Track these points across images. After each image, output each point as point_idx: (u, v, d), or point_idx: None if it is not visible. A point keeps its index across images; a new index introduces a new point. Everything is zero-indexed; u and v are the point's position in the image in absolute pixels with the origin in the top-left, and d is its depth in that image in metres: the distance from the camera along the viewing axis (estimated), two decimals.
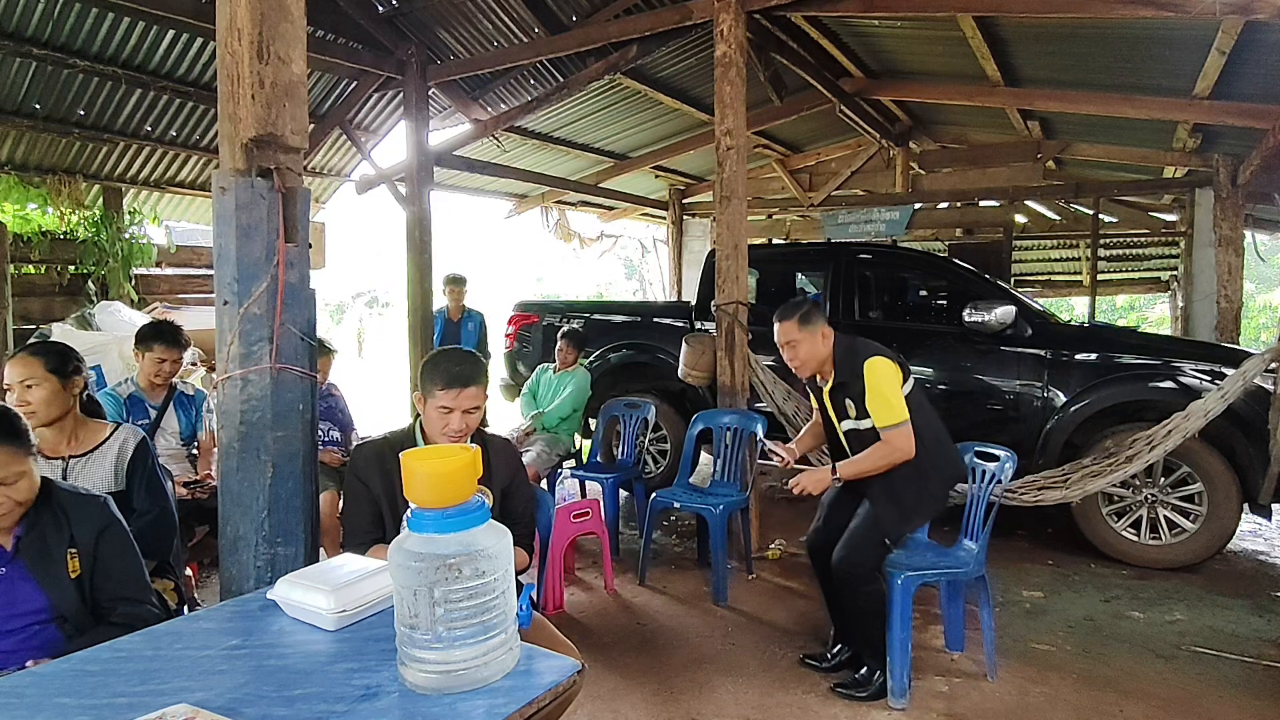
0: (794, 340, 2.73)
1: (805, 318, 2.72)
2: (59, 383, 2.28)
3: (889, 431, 2.58)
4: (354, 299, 27.80)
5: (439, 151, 6.77)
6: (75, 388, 2.34)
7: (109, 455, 2.34)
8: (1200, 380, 3.88)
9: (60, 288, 5.95)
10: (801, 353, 2.73)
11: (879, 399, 2.60)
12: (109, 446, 2.35)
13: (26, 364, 2.27)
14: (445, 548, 1.15)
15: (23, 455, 1.68)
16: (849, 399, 2.68)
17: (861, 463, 2.63)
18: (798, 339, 2.72)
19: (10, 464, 1.65)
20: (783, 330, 2.76)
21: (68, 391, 2.31)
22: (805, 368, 2.76)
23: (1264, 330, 13.15)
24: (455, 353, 2.10)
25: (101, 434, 2.37)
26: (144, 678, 1.26)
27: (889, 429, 2.58)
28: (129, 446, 2.37)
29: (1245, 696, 2.71)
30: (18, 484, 1.67)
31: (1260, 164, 5.73)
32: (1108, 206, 8.94)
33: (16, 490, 1.67)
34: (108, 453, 2.34)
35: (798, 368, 2.78)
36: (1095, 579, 3.87)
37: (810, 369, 2.76)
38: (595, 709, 2.64)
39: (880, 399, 2.60)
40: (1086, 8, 4.05)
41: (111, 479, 2.32)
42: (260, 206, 1.95)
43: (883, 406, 2.60)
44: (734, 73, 4.20)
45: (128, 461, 2.36)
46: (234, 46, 1.93)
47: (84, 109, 5.73)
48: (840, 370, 2.71)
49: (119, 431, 2.40)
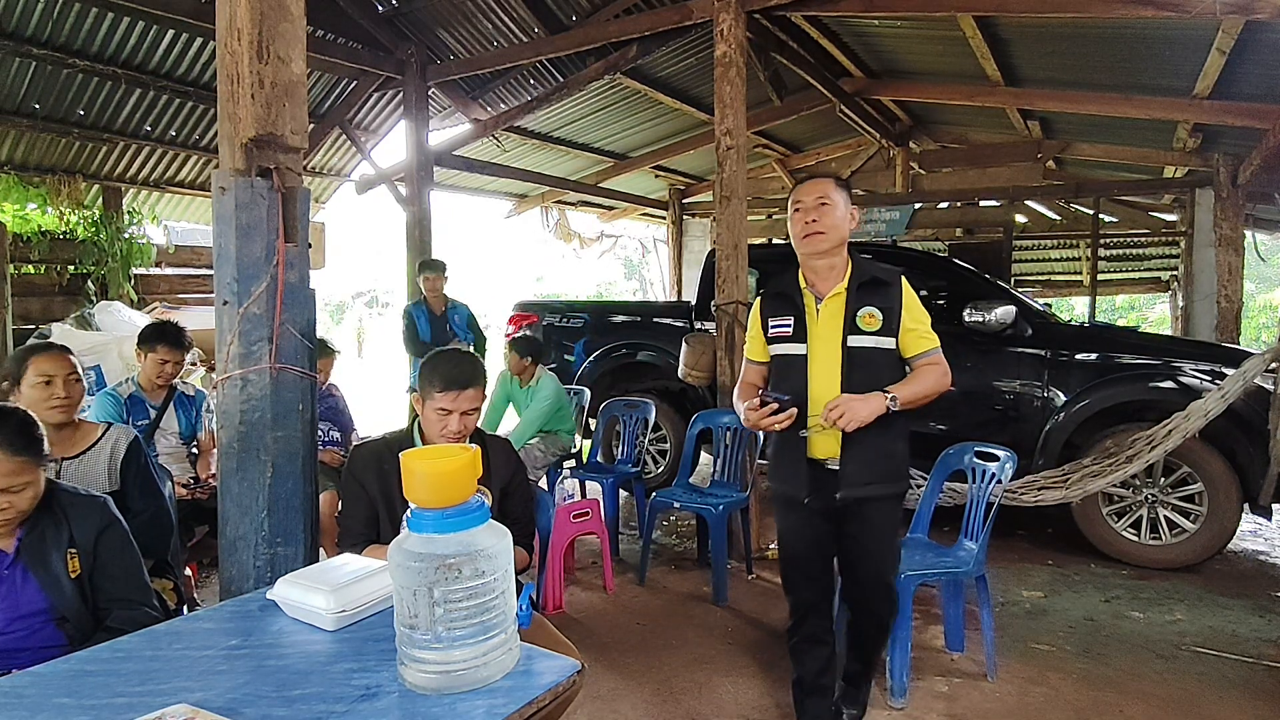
0: (828, 199, 2.18)
1: (843, 183, 2.27)
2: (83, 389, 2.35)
3: (939, 354, 2.20)
4: (354, 299, 27.81)
5: (439, 151, 6.78)
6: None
7: (102, 456, 2.35)
8: (1200, 380, 3.88)
9: (60, 288, 5.95)
10: (832, 218, 2.17)
11: (923, 319, 2.21)
12: (101, 447, 2.36)
13: (66, 360, 2.31)
14: (445, 548, 1.15)
15: (34, 465, 1.68)
16: (872, 308, 2.16)
17: (920, 385, 2.17)
18: (834, 199, 2.18)
19: (21, 473, 1.65)
20: (814, 188, 2.22)
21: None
22: (827, 239, 2.17)
23: (1264, 330, 13.14)
24: (454, 354, 2.10)
25: (93, 435, 2.38)
26: (143, 678, 1.26)
27: (937, 350, 2.21)
28: (121, 446, 2.37)
29: (1246, 697, 2.71)
30: (23, 492, 1.67)
31: (1260, 164, 5.73)
32: (1108, 206, 8.95)
33: (21, 499, 1.67)
34: (100, 453, 2.35)
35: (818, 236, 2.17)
36: (1095, 579, 3.87)
37: (829, 244, 2.18)
38: (595, 709, 2.64)
39: (925, 318, 2.21)
40: (1087, 7, 4.05)
41: (105, 479, 2.32)
42: (260, 206, 1.95)
43: (929, 328, 2.21)
44: (734, 72, 4.20)
45: (121, 461, 2.36)
46: (234, 46, 1.93)
47: (84, 109, 5.73)
48: (860, 272, 2.21)
49: (110, 431, 2.40)
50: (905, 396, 2.11)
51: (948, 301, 4.94)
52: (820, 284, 2.23)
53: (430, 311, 5.47)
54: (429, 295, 5.46)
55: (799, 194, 2.23)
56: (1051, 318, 4.64)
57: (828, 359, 2.17)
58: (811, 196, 2.19)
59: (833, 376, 2.15)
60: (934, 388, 2.17)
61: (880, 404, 2.07)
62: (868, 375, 2.13)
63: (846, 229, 2.20)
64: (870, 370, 2.13)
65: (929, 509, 3.08)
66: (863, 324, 2.15)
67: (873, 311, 2.15)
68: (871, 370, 2.13)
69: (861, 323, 2.15)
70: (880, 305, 2.16)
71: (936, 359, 2.19)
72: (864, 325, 2.15)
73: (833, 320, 2.18)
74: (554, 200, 10.39)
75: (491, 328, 11.81)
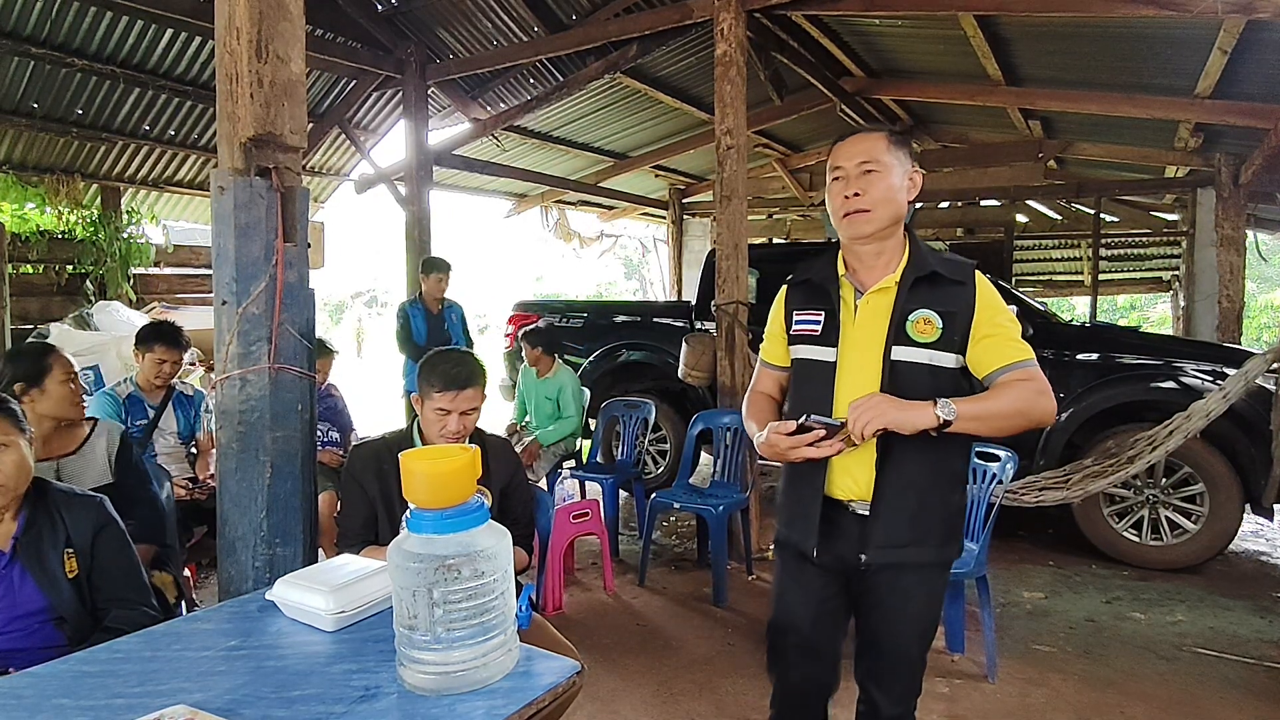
0: (877, 164, 1.59)
1: (899, 138, 1.65)
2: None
3: (1033, 367, 1.57)
4: (353, 299, 27.85)
5: (438, 151, 6.77)
6: None
7: (98, 449, 2.39)
8: (1202, 380, 3.88)
9: (58, 287, 5.95)
10: (883, 189, 1.59)
11: (1008, 326, 1.60)
12: (95, 440, 2.40)
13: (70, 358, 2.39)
14: (444, 548, 1.15)
15: (9, 424, 1.68)
16: (929, 311, 1.59)
17: (996, 402, 1.54)
18: (885, 163, 1.59)
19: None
20: (857, 146, 1.62)
21: None
22: (874, 217, 1.60)
23: (1266, 330, 13.15)
24: (454, 354, 2.09)
25: (83, 431, 2.41)
26: (142, 679, 1.26)
27: (1031, 363, 1.58)
28: (115, 437, 2.43)
29: (1247, 698, 2.70)
30: (4, 455, 1.66)
31: (1262, 163, 5.72)
32: (1109, 206, 8.94)
33: (5, 463, 1.66)
34: (95, 446, 2.39)
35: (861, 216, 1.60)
36: (1096, 580, 3.87)
37: (876, 224, 1.60)
38: (594, 710, 2.63)
39: (1011, 327, 1.61)
40: (1088, 6, 4.04)
41: (106, 472, 2.36)
42: (259, 206, 1.94)
43: (1015, 336, 1.60)
44: (734, 72, 4.19)
45: (115, 452, 2.40)
46: (233, 45, 1.93)
47: (82, 108, 5.72)
48: (918, 262, 1.63)
49: (99, 426, 2.45)
50: (970, 411, 1.50)
51: None
52: (865, 273, 1.66)
53: (427, 311, 5.37)
54: (432, 295, 5.35)
55: (837, 155, 1.64)
56: (1053, 317, 4.64)
57: (863, 372, 1.61)
58: (854, 161, 1.60)
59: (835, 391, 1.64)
60: (1019, 408, 1.53)
61: (928, 415, 1.48)
62: (912, 389, 1.57)
63: (903, 202, 1.62)
64: (917, 394, 1.55)
65: None
66: (914, 331, 1.58)
67: (929, 316, 1.59)
68: (919, 394, 1.54)
69: (913, 329, 1.58)
70: (942, 308, 1.59)
71: (1028, 373, 1.56)
72: (916, 333, 1.58)
73: (875, 322, 1.62)
74: (554, 200, 10.39)
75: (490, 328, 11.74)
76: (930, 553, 1.64)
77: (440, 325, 5.36)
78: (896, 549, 1.61)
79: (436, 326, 5.35)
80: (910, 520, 1.61)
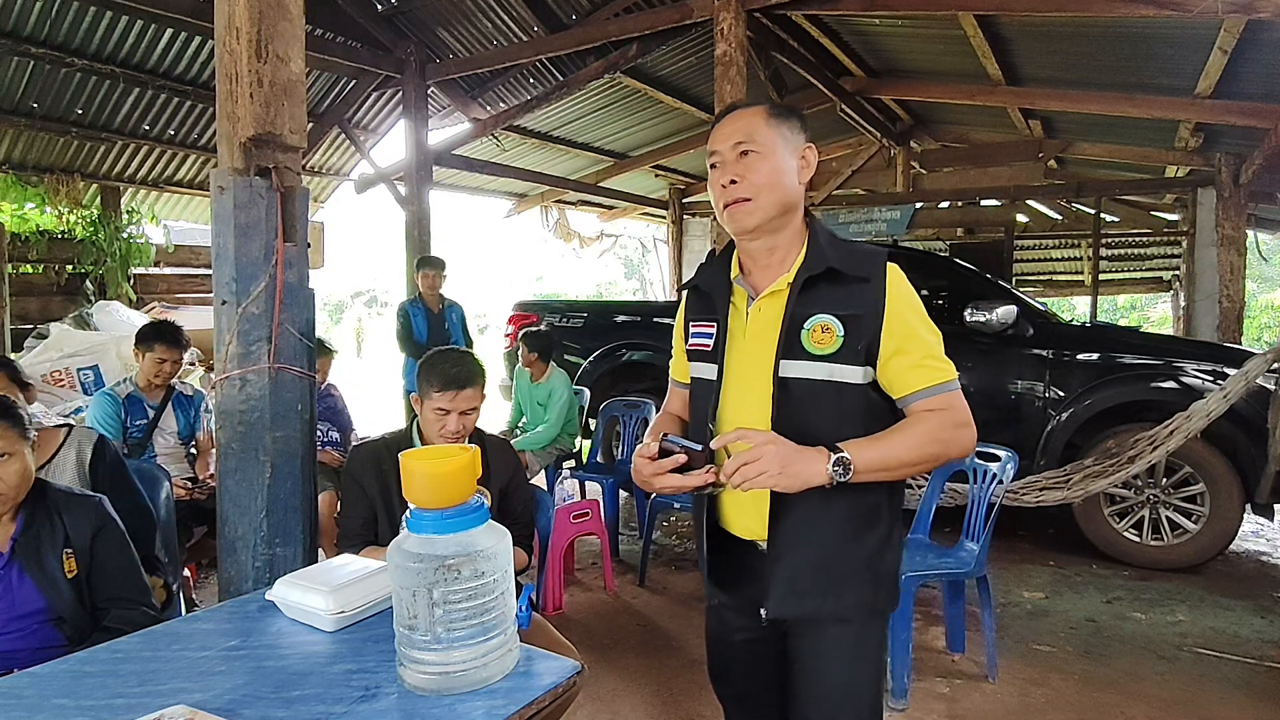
0: (755, 144, 1.32)
1: (782, 111, 1.37)
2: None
3: (949, 392, 1.30)
4: (353, 298, 27.86)
5: (438, 150, 6.77)
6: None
7: (69, 460, 2.25)
8: (1202, 380, 3.87)
9: (58, 287, 5.96)
10: (764, 172, 1.32)
11: (924, 335, 1.31)
12: (66, 451, 2.25)
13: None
14: (444, 548, 1.14)
15: (15, 435, 1.67)
16: (827, 317, 1.31)
17: (901, 443, 1.27)
18: (763, 142, 1.33)
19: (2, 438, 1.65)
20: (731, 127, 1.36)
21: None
22: (757, 208, 1.32)
23: (1266, 330, 13.15)
24: (453, 353, 2.09)
25: (55, 441, 2.27)
26: (142, 679, 1.25)
27: (947, 386, 1.30)
28: (86, 448, 2.27)
29: (1247, 698, 2.70)
30: (8, 465, 1.65)
31: (1262, 163, 5.72)
32: (1109, 206, 8.94)
33: (7, 473, 1.65)
34: (67, 457, 2.25)
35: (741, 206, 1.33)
36: (1097, 580, 3.86)
37: (760, 216, 1.33)
38: (595, 710, 2.63)
39: (927, 334, 1.32)
40: (1088, 6, 4.04)
41: (76, 483, 2.22)
42: (259, 206, 1.94)
43: (932, 350, 1.31)
44: (734, 71, 4.20)
45: (89, 462, 2.26)
46: (232, 45, 1.93)
47: (82, 108, 5.73)
48: (816, 258, 1.34)
49: (72, 435, 2.29)
50: (868, 460, 1.23)
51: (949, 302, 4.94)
52: (759, 275, 1.40)
53: (428, 310, 5.39)
54: (426, 293, 5.38)
55: (713, 138, 1.38)
56: (1053, 317, 4.64)
57: (749, 392, 1.36)
58: (729, 143, 1.34)
59: (755, 422, 1.33)
60: (932, 452, 1.28)
61: (818, 468, 1.20)
62: (812, 425, 1.29)
63: (793, 186, 1.34)
64: (817, 417, 1.30)
65: (930, 510, 3.07)
66: (810, 341, 1.31)
67: (827, 322, 1.30)
68: (820, 417, 1.30)
69: (809, 339, 1.31)
70: (843, 311, 1.30)
71: (945, 400, 1.29)
72: (812, 344, 1.31)
73: (766, 332, 1.35)
74: (554, 200, 10.39)
75: (490, 328, 11.73)
76: (849, 606, 1.34)
77: (441, 324, 5.39)
78: (801, 600, 1.34)
79: (437, 325, 5.38)
80: (816, 567, 1.33)
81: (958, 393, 1.31)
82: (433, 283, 5.34)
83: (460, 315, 5.53)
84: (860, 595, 1.35)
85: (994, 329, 4.19)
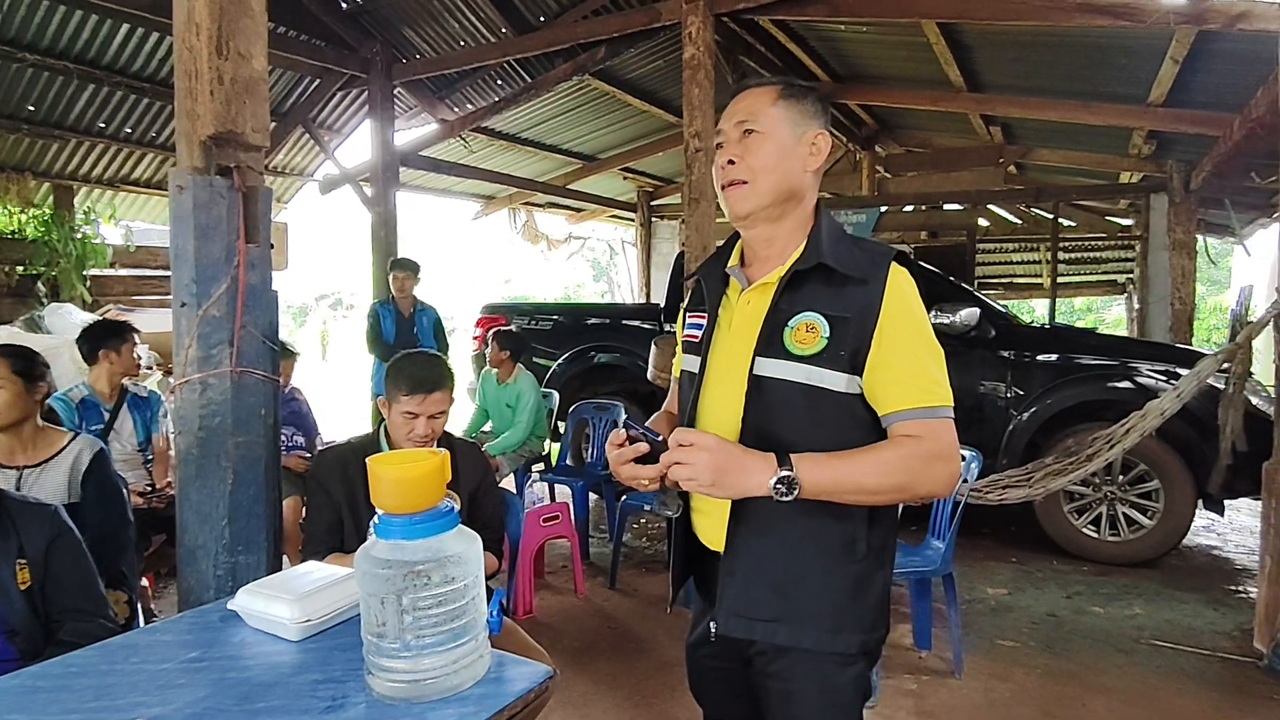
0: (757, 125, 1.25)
1: (797, 90, 1.28)
2: (24, 386, 2.20)
3: (934, 419, 1.17)
4: (317, 301, 27.42)
5: (405, 152, 6.70)
6: (39, 393, 2.27)
7: (63, 466, 2.27)
8: (1156, 380, 3.99)
9: (8, 289, 5.76)
10: (764, 154, 1.23)
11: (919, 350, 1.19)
12: (64, 457, 2.28)
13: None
14: (414, 554, 1.13)
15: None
16: (814, 315, 1.20)
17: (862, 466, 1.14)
18: (770, 122, 1.25)
19: None
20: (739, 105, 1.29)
21: (31, 396, 2.23)
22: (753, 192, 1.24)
23: (1215, 331, 13.55)
24: (421, 356, 2.07)
25: (58, 443, 2.30)
26: (98, 693, 1.22)
27: (934, 412, 1.18)
28: (85, 457, 2.30)
29: (1202, 688, 2.78)
30: None
31: (1211, 170, 5.91)
32: (1067, 210, 9.16)
33: None
34: (62, 463, 2.27)
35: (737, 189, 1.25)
36: (1057, 576, 3.95)
37: (756, 201, 1.24)
38: (567, 715, 2.62)
39: (923, 350, 1.20)
40: (1047, 15, 4.13)
41: (65, 490, 2.24)
42: (219, 206, 1.90)
43: (924, 369, 1.19)
44: (702, 75, 4.22)
45: (83, 472, 2.28)
46: (192, 41, 1.89)
47: (34, 104, 5.56)
48: (812, 252, 1.24)
49: (75, 442, 2.33)
50: (818, 479, 1.11)
51: None
52: (756, 265, 1.32)
53: (398, 312, 5.36)
54: (398, 295, 5.35)
55: (723, 117, 1.31)
56: (1014, 319, 4.73)
57: (726, 388, 1.26)
58: (733, 121, 1.27)
59: (727, 420, 1.24)
60: (897, 481, 1.14)
61: (759, 480, 1.10)
62: (780, 429, 1.20)
63: (797, 172, 1.25)
64: (788, 421, 1.20)
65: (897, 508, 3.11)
66: (792, 340, 1.20)
67: (814, 322, 1.20)
68: (791, 421, 1.20)
69: (791, 338, 1.21)
70: (832, 312, 1.20)
71: (928, 427, 1.16)
72: (793, 343, 1.20)
73: (749, 327, 1.26)
74: (522, 202, 10.34)
75: (458, 331, 11.66)
76: (811, 637, 1.22)
77: (410, 328, 5.35)
78: (750, 623, 1.23)
79: (406, 329, 5.34)
80: (775, 589, 1.22)
81: (945, 422, 1.18)
82: (403, 285, 5.31)
83: (434, 319, 5.49)
84: (830, 633, 1.22)
85: (957, 331, 4.27)
